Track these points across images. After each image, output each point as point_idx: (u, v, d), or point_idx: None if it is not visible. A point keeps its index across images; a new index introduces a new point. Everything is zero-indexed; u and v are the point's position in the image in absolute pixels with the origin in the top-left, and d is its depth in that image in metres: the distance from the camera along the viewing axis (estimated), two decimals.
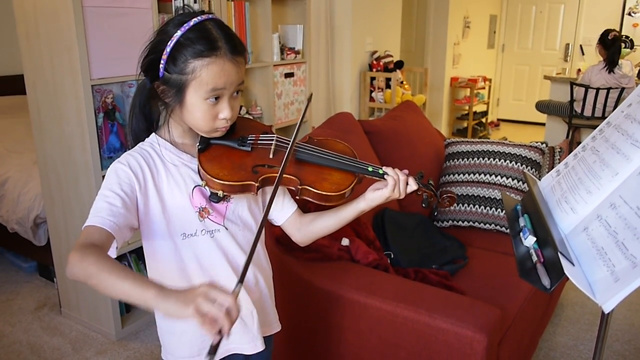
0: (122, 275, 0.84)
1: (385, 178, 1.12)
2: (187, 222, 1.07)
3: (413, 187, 1.14)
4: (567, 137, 5.15)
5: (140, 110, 1.08)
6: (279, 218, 1.25)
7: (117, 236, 0.95)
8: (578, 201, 1.11)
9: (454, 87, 6.45)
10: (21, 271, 3.12)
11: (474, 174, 2.40)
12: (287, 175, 1.08)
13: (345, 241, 1.77)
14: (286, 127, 3.41)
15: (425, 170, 1.33)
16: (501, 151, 2.40)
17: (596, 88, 4.64)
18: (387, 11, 4.82)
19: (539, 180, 1.36)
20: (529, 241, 1.13)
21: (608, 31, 4.77)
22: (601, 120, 3.76)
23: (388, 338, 1.50)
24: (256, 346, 1.17)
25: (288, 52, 3.33)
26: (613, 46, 4.67)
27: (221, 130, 1.06)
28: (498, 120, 7.77)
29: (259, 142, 1.12)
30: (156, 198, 1.05)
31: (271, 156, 1.09)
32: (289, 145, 1.06)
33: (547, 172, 1.76)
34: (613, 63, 4.66)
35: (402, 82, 4.72)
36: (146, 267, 1.14)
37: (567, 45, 7.26)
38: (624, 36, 5.73)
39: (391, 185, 1.11)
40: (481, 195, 2.35)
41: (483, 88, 6.71)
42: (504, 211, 2.26)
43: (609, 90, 4.61)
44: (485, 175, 2.38)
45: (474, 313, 1.44)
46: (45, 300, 2.78)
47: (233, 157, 1.08)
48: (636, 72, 4.97)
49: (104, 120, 2.21)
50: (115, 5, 2.16)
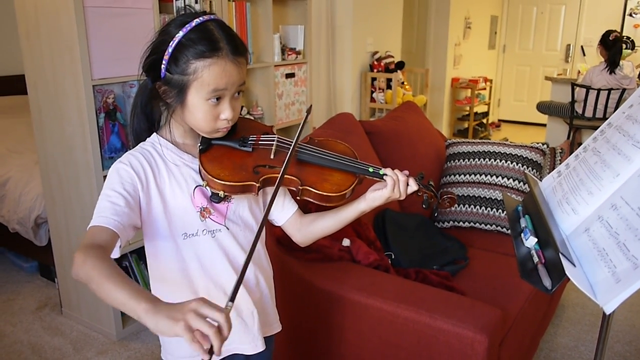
0: (119, 284, 0.81)
1: (385, 179, 1.12)
2: (189, 222, 1.08)
3: (413, 188, 1.14)
4: (568, 138, 5.14)
5: (141, 110, 1.08)
6: (280, 218, 1.25)
7: (122, 235, 0.95)
8: (579, 202, 1.11)
9: (455, 88, 6.45)
10: (22, 271, 3.12)
11: (475, 175, 2.40)
12: (288, 175, 1.08)
13: (346, 242, 1.77)
14: (287, 128, 3.41)
15: (426, 171, 1.33)
16: (502, 152, 2.39)
17: (597, 89, 4.64)
18: (388, 12, 4.82)
19: (540, 181, 1.36)
20: (530, 242, 1.13)
21: (609, 32, 4.76)
22: (602, 121, 3.76)
23: (389, 339, 1.50)
24: (257, 346, 1.17)
25: (289, 53, 3.33)
26: (614, 47, 4.67)
27: (222, 130, 1.06)
28: (499, 121, 7.77)
29: (260, 143, 1.12)
30: (158, 198, 1.05)
31: (272, 157, 1.09)
32: (290, 146, 1.06)
33: (548, 173, 1.76)
34: (614, 64, 4.65)
35: (403, 83, 4.72)
36: (147, 268, 1.14)
37: (568, 46, 7.26)
38: (625, 37, 5.74)
39: (390, 185, 1.11)
40: (482, 196, 2.35)
41: (484, 89, 6.71)
42: (505, 212, 2.26)
43: (610, 91, 4.61)
44: (486, 176, 2.38)
45: (475, 314, 1.44)
46: (46, 300, 2.79)
47: (234, 158, 1.08)
48: (637, 73, 4.96)
49: (105, 120, 2.22)
50: (116, 5, 2.16)
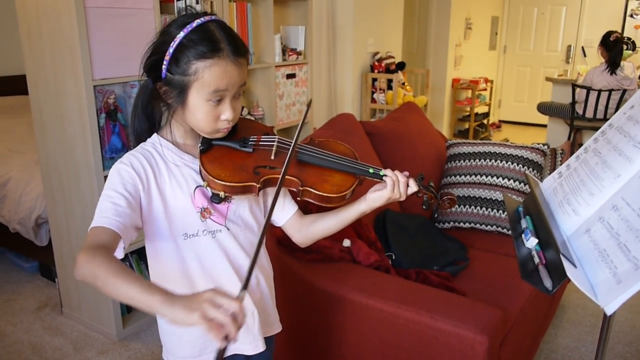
0: (129, 279, 0.83)
1: (385, 180, 1.12)
2: (189, 223, 1.08)
3: (413, 189, 1.14)
4: (569, 139, 5.14)
5: (142, 110, 1.08)
6: (280, 219, 1.25)
7: (124, 236, 0.95)
8: (580, 203, 1.11)
9: (456, 89, 6.45)
10: (23, 271, 3.12)
11: (476, 176, 2.40)
12: (289, 176, 1.08)
13: (346, 242, 1.77)
14: (288, 128, 3.41)
15: (426, 171, 1.33)
16: (503, 153, 2.39)
17: (598, 90, 4.64)
18: (389, 12, 4.82)
19: (541, 182, 1.36)
20: (531, 243, 1.13)
21: (610, 33, 4.76)
22: (603, 122, 3.74)
23: (389, 339, 1.50)
24: (257, 347, 1.17)
25: (290, 53, 3.33)
26: (615, 48, 4.66)
27: (223, 131, 1.07)
28: (499, 121, 7.76)
29: (261, 144, 1.12)
30: (158, 198, 1.05)
31: (272, 157, 1.09)
32: (290, 146, 1.06)
33: (549, 174, 1.76)
34: (615, 65, 4.65)
35: (404, 84, 4.72)
36: (148, 268, 1.14)
37: (569, 46, 7.26)
38: (626, 38, 5.73)
39: (390, 186, 1.11)
40: (483, 196, 2.35)
41: (485, 89, 6.71)
42: (506, 213, 2.26)
43: (611, 92, 4.61)
44: (486, 176, 2.38)
45: (476, 314, 1.44)
46: (46, 300, 2.79)
47: (234, 158, 1.08)
48: (638, 74, 4.96)
49: (106, 120, 2.22)
50: (117, 5, 2.16)
